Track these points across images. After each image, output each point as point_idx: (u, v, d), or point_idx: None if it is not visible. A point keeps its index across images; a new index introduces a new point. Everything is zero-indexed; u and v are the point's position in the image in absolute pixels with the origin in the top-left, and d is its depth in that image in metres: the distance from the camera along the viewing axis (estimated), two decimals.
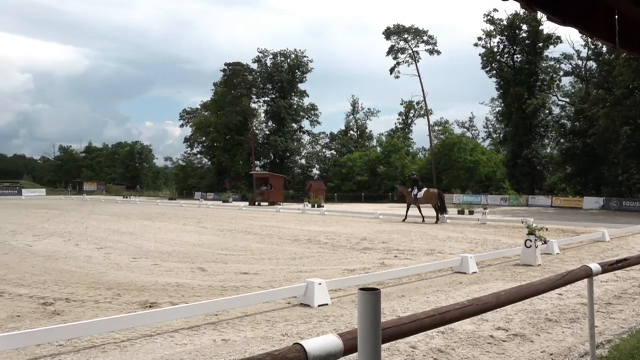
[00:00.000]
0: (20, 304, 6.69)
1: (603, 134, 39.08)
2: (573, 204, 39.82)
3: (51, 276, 8.65)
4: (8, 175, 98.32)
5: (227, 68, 64.77)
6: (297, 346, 2.55)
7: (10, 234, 15.77)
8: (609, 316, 6.26)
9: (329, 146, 73.52)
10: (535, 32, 48.38)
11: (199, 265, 9.95)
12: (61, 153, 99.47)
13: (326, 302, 6.74)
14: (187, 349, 4.90)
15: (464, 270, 9.30)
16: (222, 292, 7.56)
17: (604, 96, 40.21)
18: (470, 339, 5.23)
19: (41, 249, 12.11)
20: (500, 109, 55.66)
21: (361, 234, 16.76)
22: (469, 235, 16.74)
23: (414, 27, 61.30)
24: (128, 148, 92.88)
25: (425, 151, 72.70)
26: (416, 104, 71.38)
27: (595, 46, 43.50)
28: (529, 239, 10.46)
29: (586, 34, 3.02)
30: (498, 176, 55.49)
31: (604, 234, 15.07)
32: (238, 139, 66.05)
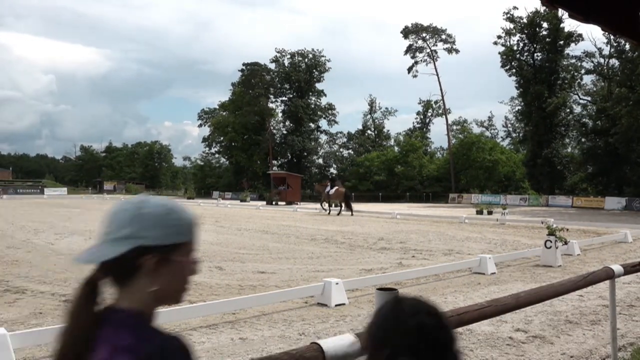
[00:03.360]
0: (43, 301, 6.81)
1: (626, 133, 38.35)
2: (594, 204, 39.17)
3: (72, 274, 8.78)
4: (31, 174, 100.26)
5: (245, 68, 65.11)
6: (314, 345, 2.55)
7: (32, 232, 16.05)
8: (631, 318, 6.14)
9: (347, 146, 73.44)
10: (556, 30, 47.67)
11: (216, 264, 10.01)
12: (82, 153, 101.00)
13: (343, 302, 6.73)
14: (205, 347, 4.94)
15: (482, 271, 9.21)
16: (239, 291, 7.60)
17: (627, 94, 39.45)
18: (489, 340, 5.17)
19: (63, 247, 12.30)
20: (520, 108, 54.97)
21: (378, 233, 16.70)
22: (488, 235, 16.57)
23: (432, 26, 60.95)
24: (147, 148, 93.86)
25: (443, 151, 72.20)
26: (434, 103, 70.89)
27: (618, 44, 42.73)
28: (549, 239, 10.31)
29: (609, 31, 2.97)
30: (517, 176, 54.80)
31: (627, 235, 14.79)
32: (256, 138, 66.33)
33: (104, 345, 1.01)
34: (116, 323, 1.04)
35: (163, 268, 1.06)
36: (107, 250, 1.05)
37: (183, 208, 1.12)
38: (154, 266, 1.05)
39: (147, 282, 1.06)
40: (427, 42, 61.55)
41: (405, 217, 25.26)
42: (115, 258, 1.03)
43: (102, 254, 1.05)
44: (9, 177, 77.21)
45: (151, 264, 1.05)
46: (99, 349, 1.02)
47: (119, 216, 1.08)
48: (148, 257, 1.04)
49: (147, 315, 1.07)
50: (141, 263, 1.04)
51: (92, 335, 1.03)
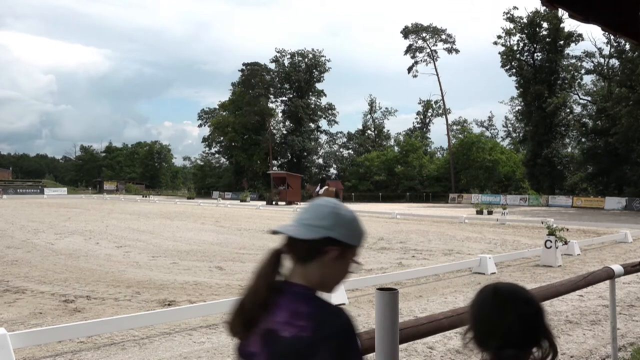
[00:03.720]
0: (43, 301, 6.81)
1: (626, 132, 38.34)
2: (594, 204, 39.17)
3: (72, 274, 8.79)
4: (31, 174, 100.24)
5: (245, 68, 65.09)
6: None
7: (33, 232, 16.05)
8: (631, 318, 6.14)
9: (347, 146, 73.44)
10: (556, 30, 47.66)
11: (217, 264, 10.02)
12: (82, 153, 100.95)
13: (343, 302, 6.73)
14: (205, 347, 4.94)
15: (482, 271, 9.21)
16: (239, 291, 7.59)
17: (627, 94, 39.45)
18: None
19: (63, 247, 12.30)
20: (520, 107, 54.98)
21: (378, 233, 16.70)
22: (488, 235, 16.57)
23: (432, 26, 60.96)
24: (147, 148, 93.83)
25: (443, 151, 72.22)
26: (434, 103, 70.94)
27: (618, 44, 42.73)
28: (549, 239, 10.31)
29: (609, 31, 2.97)
30: (517, 176, 54.80)
31: (627, 235, 14.79)
32: (256, 138, 66.33)
33: (283, 311, 1.24)
34: (293, 294, 1.27)
35: (338, 260, 1.30)
36: (303, 231, 1.28)
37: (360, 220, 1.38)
38: (333, 256, 1.29)
39: (321, 267, 1.29)
40: (427, 42, 61.58)
41: (405, 217, 25.26)
42: (307, 239, 1.27)
43: (300, 232, 1.28)
44: (9, 177, 77.10)
45: (333, 254, 1.29)
46: (277, 312, 1.25)
47: (320, 209, 1.32)
48: (334, 247, 1.28)
49: (313, 292, 1.29)
50: (326, 250, 1.28)
51: (271, 299, 1.26)
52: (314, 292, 1.29)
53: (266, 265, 1.32)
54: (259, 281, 1.29)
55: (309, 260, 1.29)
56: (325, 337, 1.19)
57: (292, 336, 1.21)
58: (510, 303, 1.27)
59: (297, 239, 1.28)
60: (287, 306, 1.25)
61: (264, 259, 1.33)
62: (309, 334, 1.19)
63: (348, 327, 1.24)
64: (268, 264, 1.32)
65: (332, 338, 1.20)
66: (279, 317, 1.24)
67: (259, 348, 1.26)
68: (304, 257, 1.29)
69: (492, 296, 1.31)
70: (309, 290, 1.28)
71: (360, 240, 1.35)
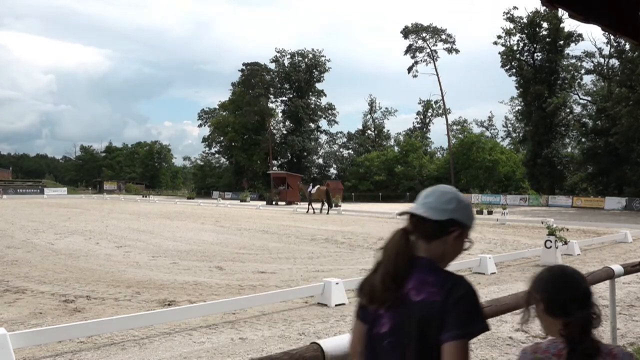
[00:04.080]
0: (43, 301, 6.81)
1: (626, 132, 38.33)
2: (594, 204, 39.17)
3: (72, 274, 8.79)
4: (31, 174, 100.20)
5: (245, 68, 65.08)
6: (314, 345, 2.55)
7: (33, 232, 16.06)
8: (631, 318, 6.14)
9: (346, 146, 73.42)
10: (556, 30, 47.65)
11: (216, 264, 10.02)
12: (82, 153, 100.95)
13: (343, 302, 6.73)
14: (205, 347, 4.94)
15: (482, 271, 9.21)
16: (239, 291, 7.60)
17: (627, 94, 39.43)
18: (488, 340, 5.17)
19: (63, 247, 12.30)
20: (520, 107, 54.97)
21: (378, 233, 16.70)
22: (488, 235, 16.57)
23: (432, 26, 60.90)
24: (147, 148, 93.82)
25: (443, 151, 72.21)
26: (434, 103, 70.92)
27: (618, 44, 42.72)
28: (549, 239, 10.32)
29: (609, 31, 2.97)
30: (517, 176, 54.80)
31: (627, 235, 14.78)
32: (256, 138, 66.32)
33: (415, 279, 1.46)
34: (422, 266, 1.49)
35: (457, 239, 1.53)
36: (432, 212, 1.50)
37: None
38: (455, 235, 1.52)
39: (444, 244, 1.52)
40: (427, 42, 61.52)
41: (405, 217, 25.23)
42: (435, 220, 1.49)
43: (429, 213, 1.50)
44: (9, 177, 77.08)
45: (455, 233, 1.52)
46: (411, 281, 1.46)
47: (444, 195, 1.55)
48: (456, 228, 1.52)
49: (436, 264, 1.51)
50: (450, 230, 1.51)
51: (407, 270, 1.48)
52: (437, 264, 1.51)
53: (399, 242, 1.53)
54: (397, 256, 1.50)
55: (434, 238, 1.51)
56: (455, 302, 1.39)
57: (421, 300, 1.42)
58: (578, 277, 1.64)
59: (425, 219, 1.51)
60: (416, 276, 1.47)
61: (394, 238, 1.55)
62: (439, 299, 1.40)
63: (472, 293, 1.43)
64: (400, 242, 1.53)
65: (460, 302, 1.40)
66: (411, 285, 1.46)
67: (390, 311, 1.48)
68: (429, 236, 1.52)
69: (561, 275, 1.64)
70: (433, 262, 1.50)
71: (473, 223, 1.58)
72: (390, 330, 1.47)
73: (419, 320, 1.41)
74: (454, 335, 1.38)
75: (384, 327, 1.49)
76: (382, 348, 1.49)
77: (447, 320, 1.38)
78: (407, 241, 1.53)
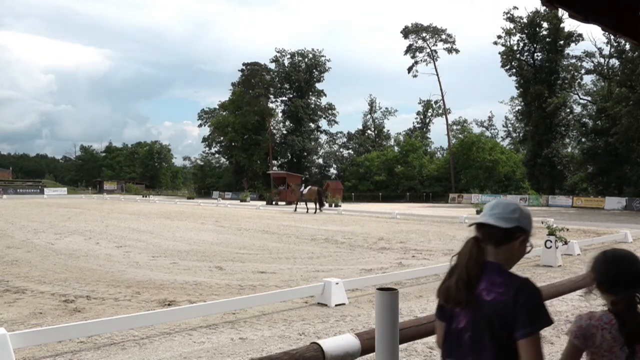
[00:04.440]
0: (43, 301, 6.81)
1: (626, 132, 38.36)
2: (594, 204, 39.18)
3: (72, 274, 8.79)
4: (31, 174, 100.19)
5: (245, 68, 65.12)
6: (314, 345, 2.55)
7: (32, 232, 16.06)
8: None
9: (346, 146, 73.49)
10: (556, 30, 47.68)
11: (216, 264, 10.01)
12: (82, 153, 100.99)
13: (343, 302, 6.73)
14: (205, 347, 4.94)
15: None
16: (239, 291, 7.59)
17: (627, 94, 39.46)
18: None
19: (63, 247, 12.30)
20: (520, 107, 55.03)
21: (378, 233, 16.70)
22: None
23: (432, 26, 61.00)
24: (147, 148, 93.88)
25: (443, 151, 72.27)
26: (434, 103, 71.02)
27: (618, 44, 42.75)
28: (549, 239, 10.31)
29: (609, 31, 2.97)
30: (517, 176, 54.84)
31: (627, 235, 14.78)
32: (256, 138, 66.35)
33: (486, 281, 1.69)
34: (491, 269, 1.72)
35: (521, 244, 1.77)
36: (501, 222, 1.73)
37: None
38: (520, 241, 1.77)
39: (510, 249, 1.76)
40: (427, 42, 61.62)
41: (405, 217, 25.26)
42: (503, 228, 1.73)
43: (500, 222, 1.73)
44: (9, 177, 77.09)
45: (520, 239, 1.76)
46: (482, 282, 1.69)
47: (509, 206, 1.78)
48: (521, 234, 1.76)
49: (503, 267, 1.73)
50: (517, 236, 1.75)
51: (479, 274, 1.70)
52: (504, 267, 1.74)
53: (471, 249, 1.75)
54: (469, 261, 1.73)
55: (503, 244, 1.75)
56: (522, 302, 1.61)
57: (492, 300, 1.65)
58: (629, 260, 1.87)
59: (494, 228, 1.73)
60: (487, 278, 1.70)
61: (466, 245, 1.78)
62: (508, 298, 1.62)
63: (537, 292, 1.65)
64: (472, 249, 1.75)
65: (527, 302, 1.61)
66: (482, 286, 1.69)
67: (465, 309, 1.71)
68: (498, 242, 1.75)
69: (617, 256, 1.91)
70: (501, 266, 1.73)
71: (531, 229, 1.81)
72: (466, 325, 1.72)
73: (490, 317, 1.64)
74: (526, 332, 1.59)
75: (461, 323, 1.73)
76: (462, 341, 1.73)
77: (518, 318, 1.60)
78: (478, 248, 1.75)
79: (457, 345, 1.74)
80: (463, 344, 1.72)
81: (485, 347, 1.65)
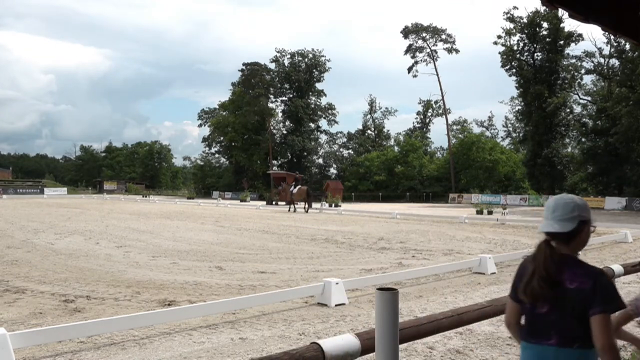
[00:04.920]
0: (43, 301, 6.81)
1: (626, 132, 38.35)
2: (594, 204, 39.14)
3: (72, 274, 8.79)
4: (31, 174, 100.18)
5: (245, 68, 65.09)
6: (314, 345, 2.55)
7: (33, 232, 16.06)
8: None
9: (347, 146, 73.47)
10: (556, 30, 47.67)
11: (216, 264, 10.02)
12: (82, 153, 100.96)
13: (343, 302, 6.73)
14: (205, 347, 4.94)
15: (482, 271, 9.21)
16: (239, 291, 7.60)
17: (627, 94, 39.46)
18: (489, 340, 5.17)
19: (63, 247, 12.30)
20: (520, 107, 55.02)
21: (378, 233, 16.70)
22: (488, 235, 16.57)
23: (432, 26, 60.98)
24: (147, 148, 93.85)
25: (443, 150, 72.27)
26: (434, 103, 71.02)
27: (619, 44, 42.75)
28: None
29: (609, 31, 2.97)
30: (517, 176, 54.83)
31: (627, 235, 14.79)
32: (256, 138, 66.34)
33: (567, 272, 1.97)
34: (569, 261, 1.99)
35: (585, 233, 2.03)
36: (564, 224, 1.99)
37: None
38: (586, 231, 2.03)
39: (579, 241, 2.03)
40: (427, 42, 61.59)
41: (405, 217, 25.27)
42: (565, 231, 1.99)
43: (562, 227, 1.99)
44: (9, 177, 77.07)
45: (586, 230, 2.03)
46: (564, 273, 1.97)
47: (568, 206, 2.01)
48: (585, 226, 2.02)
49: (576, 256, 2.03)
50: (582, 229, 2.01)
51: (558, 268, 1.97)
52: (577, 257, 2.02)
53: (545, 251, 2.01)
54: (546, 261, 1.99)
55: (571, 240, 2.01)
56: (601, 287, 1.90)
57: (575, 287, 1.93)
58: None
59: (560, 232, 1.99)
60: (567, 269, 1.97)
61: (540, 248, 2.04)
62: (588, 286, 1.91)
63: (611, 281, 1.96)
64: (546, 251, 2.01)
65: (603, 287, 1.91)
66: (565, 276, 1.96)
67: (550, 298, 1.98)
68: (568, 240, 2.01)
69: None
70: (576, 258, 2.01)
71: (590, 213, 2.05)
72: (549, 310, 2.00)
73: (573, 302, 1.93)
74: (599, 310, 1.89)
75: (544, 309, 2.01)
76: (544, 322, 2.01)
77: (594, 300, 1.90)
78: (551, 248, 2.01)
79: (540, 326, 2.03)
80: (545, 325, 2.01)
81: (567, 326, 1.96)
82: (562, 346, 2.00)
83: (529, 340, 2.09)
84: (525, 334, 2.11)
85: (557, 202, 2.03)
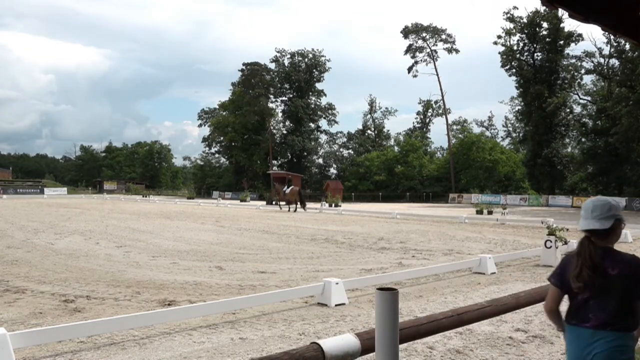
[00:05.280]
0: (43, 301, 6.81)
1: (626, 132, 38.36)
2: None
3: (72, 274, 8.79)
4: (31, 174, 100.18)
5: (245, 68, 65.11)
6: (314, 345, 2.55)
7: (33, 232, 16.05)
8: None
9: (347, 146, 73.48)
10: (556, 30, 47.69)
11: (216, 264, 10.01)
12: (82, 153, 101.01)
13: (343, 302, 6.73)
14: (205, 347, 4.94)
15: (482, 271, 9.21)
16: (239, 290, 7.60)
17: (627, 94, 39.47)
18: (488, 340, 5.17)
19: (63, 247, 12.30)
20: (520, 107, 55.03)
21: (378, 233, 16.70)
22: (488, 235, 16.57)
23: (432, 26, 60.99)
24: (147, 148, 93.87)
25: (443, 150, 72.27)
26: (434, 103, 71.01)
27: (618, 44, 42.76)
28: (549, 239, 10.31)
29: (609, 31, 2.97)
30: (517, 176, 54.83)
31: (627, 235, 14.81)
32: (256, 138, 66.35)
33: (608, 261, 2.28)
34: (609, 252, 2.31)
35: (620, 229, 2.36)
36: (603, 222, 2.30)
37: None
38: (620, 228, 2.35)
39: (614, 235, 2.35)
40: (427, 42, 61.61)
41: (405, 217, 25.26)
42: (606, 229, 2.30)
43: (601, 225, 2.30)
44: (9, 177, 77.07)
45: (621, 227, 2.35)
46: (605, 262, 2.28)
47: (605, 206, 2.32)
48: (620, 223, 2.34)
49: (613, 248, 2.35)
50: (617, 226, 2.33)
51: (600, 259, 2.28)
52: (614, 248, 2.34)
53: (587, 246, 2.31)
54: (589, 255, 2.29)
55: (608, 236, 2.32)
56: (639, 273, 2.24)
57: (617, 273, 2.25)
58: None
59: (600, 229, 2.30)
60: (609, 258, 2.29)
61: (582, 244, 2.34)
62: (629, 272, 2.24)
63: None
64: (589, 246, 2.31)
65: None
66: (606, 264, 2.27)
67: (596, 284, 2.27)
68: (606, 236, 2.32)
69: None
70: (613, 249, 2.33)
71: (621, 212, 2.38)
72: (591, 294, 2.30)
73: (614, 286, 2.24)
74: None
75: (586, 294, 2.31)
76: (587, 306, 2.32)
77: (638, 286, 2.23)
78: (591, 243, 2.32)
79: (583, 310, 2.33)
80: (587, 309, 2.32)
81: (608, 308, 2.26)
82: (598, 329, 2.28)
83: (570, 322, 2.42)
84: (569, 317, 2.42)
85: (595, 203, 2.35)
